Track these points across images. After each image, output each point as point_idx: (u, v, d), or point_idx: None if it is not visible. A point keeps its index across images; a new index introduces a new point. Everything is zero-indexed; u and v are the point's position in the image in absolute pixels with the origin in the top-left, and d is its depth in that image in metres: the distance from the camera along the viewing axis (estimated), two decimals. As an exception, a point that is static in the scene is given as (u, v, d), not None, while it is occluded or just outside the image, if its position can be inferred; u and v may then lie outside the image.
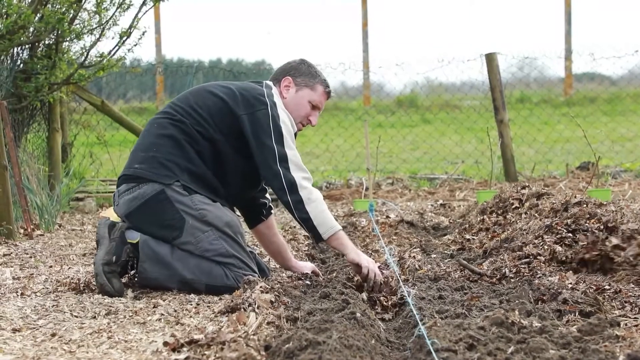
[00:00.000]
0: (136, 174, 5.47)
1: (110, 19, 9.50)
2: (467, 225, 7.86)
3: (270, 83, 5.63)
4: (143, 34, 9.79)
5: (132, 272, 5.49)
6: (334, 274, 5.71)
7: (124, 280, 5.48)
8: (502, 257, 6.03)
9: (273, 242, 5.90)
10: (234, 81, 5.88)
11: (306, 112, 5.63)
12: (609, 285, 5.28)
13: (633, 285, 5.32)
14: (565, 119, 15.38)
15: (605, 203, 6.84)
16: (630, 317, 4.58)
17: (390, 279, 5.32)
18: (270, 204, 5.99)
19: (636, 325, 4.40)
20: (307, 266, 5.89)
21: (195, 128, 5.40)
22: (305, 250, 7.08)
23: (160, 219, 5.40)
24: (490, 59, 11.93)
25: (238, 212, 5.91)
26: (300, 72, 5.65)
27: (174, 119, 5.47)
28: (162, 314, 4.88)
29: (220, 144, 5.44)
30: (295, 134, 5.66)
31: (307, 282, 5.51)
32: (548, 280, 5.34)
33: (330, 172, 13.43)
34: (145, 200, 5.42)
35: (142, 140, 5.62)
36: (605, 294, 5.07)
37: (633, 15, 39.38)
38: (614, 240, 6.02)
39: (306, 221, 5.32)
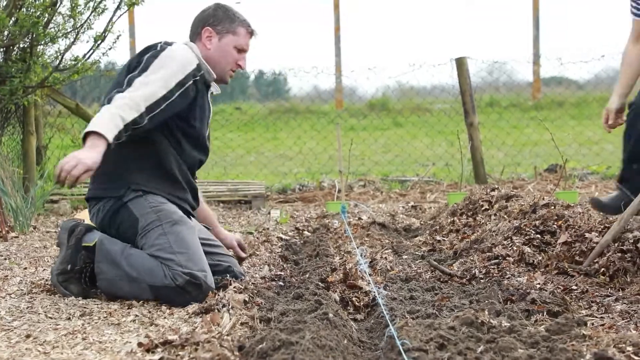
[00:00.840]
0: (91, 196, 5.48)
1: (84, 22, 9.48)
2: (438, 227, 7.89)
3: (169, 42, 5.42)
4: (117, 38, 9.78)
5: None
6: (307, 275, 5.72)
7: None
8: (472, 258, 6.06)
9: (200, 210, 5.82)
10: None
11: (234, 58, 5.50)
12: (576, 285, 5.32)
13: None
14: (534, 123, 15.44)
15: (572, 205, 6.88)
16: (596, 317, 4.62)
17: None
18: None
19: (602, 325, 4.43)
20: (234, 237, 5.85)
21: None
22: (278, 252, 7.08)
23: (123, 225, 5.35)
24: (460, 63, 11.96)
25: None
26: (219, 18, 5.48)
27: None
28: (137, 315, 4.87)
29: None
30: (226, 82, 5.62)
31: (281, 283, 5.52)
32: (517, 280, 5.38)
33: (303, 175, 13.43)
34: (106, 215, 5.38)
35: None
36: (572, 294, 5.11)
37: (600, 20, 39.49)
38: (562, 237, 6.09)
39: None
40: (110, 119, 4.87)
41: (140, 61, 5.20)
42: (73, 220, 5.52)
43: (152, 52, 5.23)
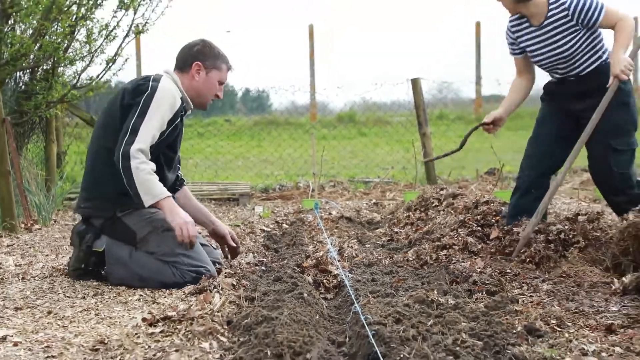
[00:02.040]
0: (84, 215, 5.40)
1: (98, 48, 9.43)
2: (396, 220, 7.90)
3: (168, 71, 5.42)
4: (126, 61, 9.76)
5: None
6: (285, 261, 5.72)
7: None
8: (424, 247, 6.07)
9: (192, 206, 5.74)
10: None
11: (216, 89, 5.46)
12: (510, 269, 5.34)
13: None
14: (476, 133, 15.47)
15: (507, 202, 6.90)
16: (526, 295, 4.64)
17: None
18: (182, 177, 5.83)
19: (531, 302, 4.45)
20: (226, 229, 5.78)
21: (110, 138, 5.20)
22: (261, 242, 7.06)
23: (121, 235, 5.26)
24: (415, 83, 11.99)
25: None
26: (207, 55, 5.42)
27: (97, 143, 5.35)
28: (141, 295, 4.87)
29: None
30: (205, 108, 5.60)
31: (263, 267, 5.52)
32: (461, 265, 5.38)
33: (282, 176, 13.41)
34: (104, 228, 5.31)
35: (86, 176, 5.43)
36: (506, 277, 5.13)
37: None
38: (494, 233, 6.13)
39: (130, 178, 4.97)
40: (156, 180, 5.00)
41: (137, 102, 5.10)
42: (79, 227, 5.41)
43: (147, 94, 5.12)
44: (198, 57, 5.42)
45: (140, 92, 5.16)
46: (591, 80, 5.95)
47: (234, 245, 5.76)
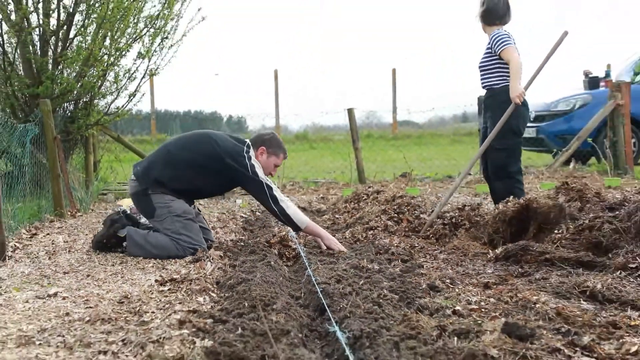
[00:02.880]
0: (136, 175, 5.37)
1: (122, 86, 9.40)
2: (337, 210, 7.91)
3: (250, 145, 5.38)
4: (143, 95, 9.71)
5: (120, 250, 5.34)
6: (258, 239, 5.71)
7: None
8: (357, 229, 6.09)
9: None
10: (217, 132, 5.52)
11: (270, 169, 5.43)
12: (417, 244, 5.38)
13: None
14: (393, 148, 15.66)
15: (416, 196, 6.96)
16: (429, 262, 4.68)
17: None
18: None
19: (432, 267, 4.49)
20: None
21: (189, 162, 5.24)
22: (240, 225, 7.05)
23: (142, 206, 5.30)
24: (350, 111, 12.01)
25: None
26: (271, 144, 5.40)
27: (169, 154, 5.33)
28: (154, 264, 4.84)
29: (209, 173, 5.24)
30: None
31: (242, 244, 5.50)
32: (383, 241, 5.41)
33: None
34: (133, 193, 5.34)
35: (154, 158, 5.41)
36: (415, 249, 5.17)
37: (432, 84, 40.09)
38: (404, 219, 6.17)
39: (288, 218, 5.19)
40: (297, 209, 5.30)
41: (246, 165, 5.18)
42: (117, 213, 5.42)
43: (251, 160, 5.23)
44: (265, 143, 5.41)
45: (242, 157, 5.23)
46: (489, 98, 6.06)
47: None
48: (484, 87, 6.11)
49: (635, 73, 13.10)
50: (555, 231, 4.87)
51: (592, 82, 13.17)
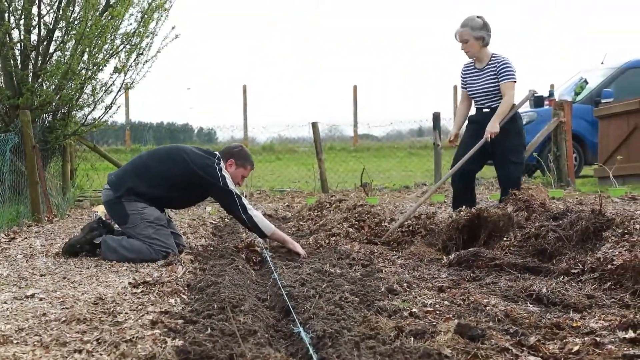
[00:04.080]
0: (111, 183, 5.30)
1: (99, 98, 9.37)
2: (301, 217, 7.90)
3: (220, 157, 5.30)
4: (118, 108, 9.73)
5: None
6: (227, 244, 5.68)
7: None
8: (320, 235, 6.07)
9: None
10: (189, 146, 5.48)
11: (238, 180, 5.37)
12: (377, 250, 5.39)
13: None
14: (354, 159, 15.69)
15: (375, 205, 6.99)
16: (387, 267, 4.68)
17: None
18: None
19: (391, 271, 4.50)
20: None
21: (163, 174, 5.21)
22: (210, 231, 7.02)
23: (115, 213, 5.24)
24: (314, 125, 12.03)
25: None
26: (239, 156, 5.35)
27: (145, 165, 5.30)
28: (128, 267, 4.80)
29: (180, 185, 5.21)
30: None
31: (212, 248, 5.47)
32: (345, 247, 5.41)
33: (225, 187, 13.32)
34: (107, 200, 5.29)
35: (128, 168, 5.38)
36: (374, 254, 5.17)
37: (392, 101, 40.42)
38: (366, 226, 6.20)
39: (255, 226, 5.18)
40: (264, 218, 5.31)
41: (218, 176, 5.13)
42: (96, 222, 5.35)
43: (222, 171, 5.18)
44: (234, 156, 5.35)
45: (214, 170, 5.17)
46: (488, 119, 6.05)
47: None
48: (484, 108, 6.15)
49: (576, 93, 13.34)
50: (504, 239, 4.91)
51: (537, 101, 13.39)
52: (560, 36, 54.56)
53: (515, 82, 5.98)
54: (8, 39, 8.52)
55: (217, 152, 5.40)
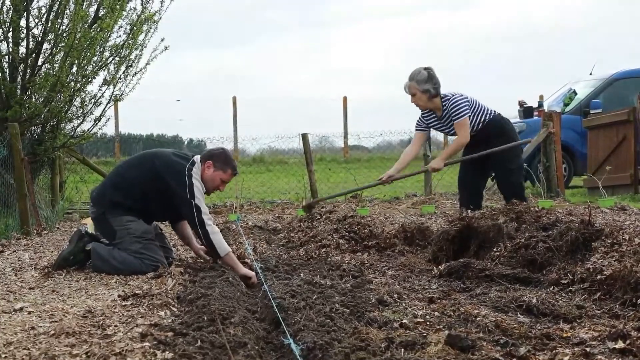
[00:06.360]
0: (93, 200, 5.25)
1: (88, 111, 9.40)
2: (292, 228, 7.87)
3: (196, 160, 5.09)
4: (108, 120, 9.72)
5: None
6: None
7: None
8: (310, 246, 6.07)
9: (183, 232, 5.39)
10: (164, 150, 5.30)
11: (216, 185, 5.12)
12: (367, 260, 5.40)
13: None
14: (344, 170, 15.69)
15: (365, 216, 6.99)
16: (378, 278, 4.69)
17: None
18: None
19: (381, 282, 4.51)
20: (201, 251, 5.40)
21: (135, 182, 5.06)
22: (200, 243, 6.99)
23: (104, 229, 5.15)
24: (304, 136, 12.02)
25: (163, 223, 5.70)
26: (219, 159, 5.09)
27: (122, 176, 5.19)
28: (117, 279, 4.76)
29: (151, 193, 5.04)
30: (207, 193, 5.17)
31: (201, 261, 5.44)
32: (335, 258, 5.42)
33: (215, 199, 13.29)
34: (94, 218, 5.25)
35: (106, 181, 5.31)
36: (365, 265, 5.18)
37: (382, 113, 40.58)
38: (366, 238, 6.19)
39: (210, 243, 4.90)
40: (222, 239, 4.94)
41: (185, 183, 4.91)
42: (80, 231, 5.22)
43: (192, 178, 4.95)
44: (213, 157, 5.12)
45: (181, 174, 4.96)
46: (482, 132, 6.31)
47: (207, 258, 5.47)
48: (476, 132, 6.31)
49: (565, 104, 13.43)
50: (495, 249, 4.93)
51: (526, 112, 13.47)
52: (550, 49, 54.89)
53: (464, 117, 6.18)
54: (-4, 51, 8.53)
55: (195, 156, 5.20)
